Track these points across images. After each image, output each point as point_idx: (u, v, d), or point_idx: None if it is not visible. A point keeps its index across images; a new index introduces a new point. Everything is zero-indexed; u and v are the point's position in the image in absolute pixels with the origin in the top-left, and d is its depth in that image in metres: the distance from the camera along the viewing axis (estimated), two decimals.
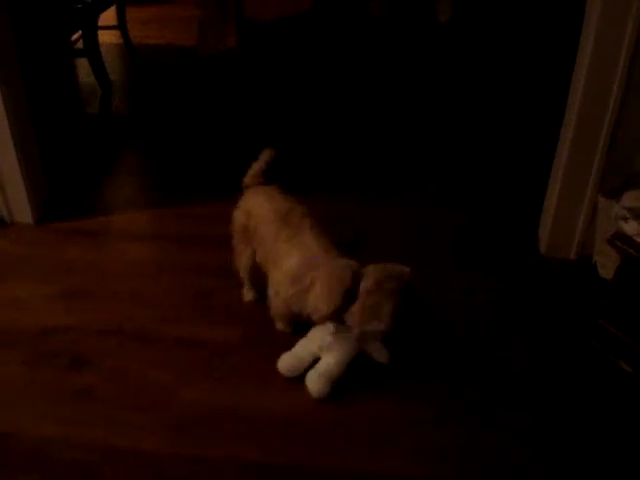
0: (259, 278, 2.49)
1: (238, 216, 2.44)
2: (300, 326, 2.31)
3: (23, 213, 3.00)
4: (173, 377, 2.26)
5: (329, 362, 2.18)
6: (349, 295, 2.02)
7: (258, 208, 2.35)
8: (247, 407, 2.16)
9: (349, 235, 2.70)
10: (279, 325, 2.40)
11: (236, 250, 2.49)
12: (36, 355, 2.34)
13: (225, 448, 2.03)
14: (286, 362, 2.24)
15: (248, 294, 2.57)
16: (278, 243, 2.23)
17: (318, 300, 2.08)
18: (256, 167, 2.49)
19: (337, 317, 2.08)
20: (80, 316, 2.51)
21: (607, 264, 2.59)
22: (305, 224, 2.24)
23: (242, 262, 2.48)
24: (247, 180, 2.49)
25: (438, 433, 2.09)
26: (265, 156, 2.51)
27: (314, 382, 2.16)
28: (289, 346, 2.29)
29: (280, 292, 2.24)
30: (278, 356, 2.26)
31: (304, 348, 2.25)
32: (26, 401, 2.18)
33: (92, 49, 4.28)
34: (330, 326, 2.18)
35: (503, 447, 2.05)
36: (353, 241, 2.71)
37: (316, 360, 2.22)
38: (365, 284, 2.01)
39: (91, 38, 4.27)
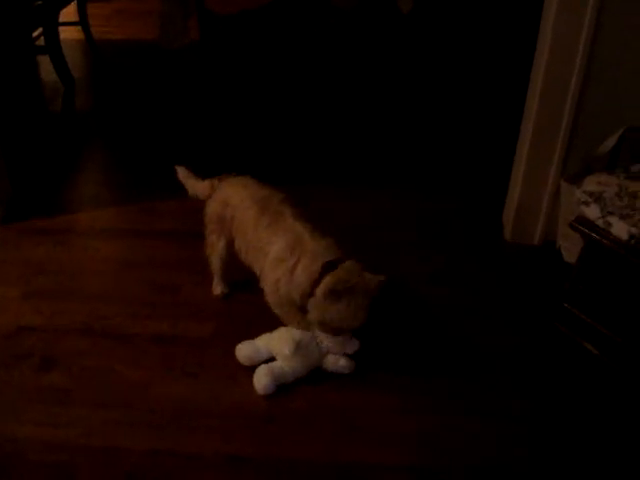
0: (230, 271, 2.50)
1: (213, 206, 2.43)
2: None
3: None
4: (145, 374, 2.26)
5: (284, 368, 2.18)
6: (327, 268, 2.07)
7: (235, 197, 2.35)
8: (221, 402, 2.16)
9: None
10: (288, 322, 2.30)
11: (208, 241, 2.49)
12: (6, 357, 2.33)
13: (200, 443, 2.03)
14: (244, 351, 2.25)
15: (218, 287, 2.57)
16: (259, 231, 2.24)
17: (300, 278, 2.12)
18: (199, 184, 2.52)
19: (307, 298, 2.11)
20: (49, 316, 2.49)
21: (571, 248, 2.64)
22: (285, 209, 2.26)
23: (215, 254, 2.48)
24: (212, 186, 2.49)
25: (413, 421, 2.11)
26: (185, 174, 2.57)
27: (262, 378, 2.16)
28: None
29: (269, 280, 2.23)
30: None
31: (264, 344, 2.25)
32: None
33: (53, 46, 4.24)
34: (295, 335, 2.19)
35: (484, 431, 2.08)
36: None
37: (272, 358, 2.23)
38: (332, 279, 2.05)
39: (52, 34, 4.23)
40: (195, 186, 2.53)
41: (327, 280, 2.06)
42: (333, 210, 3.03)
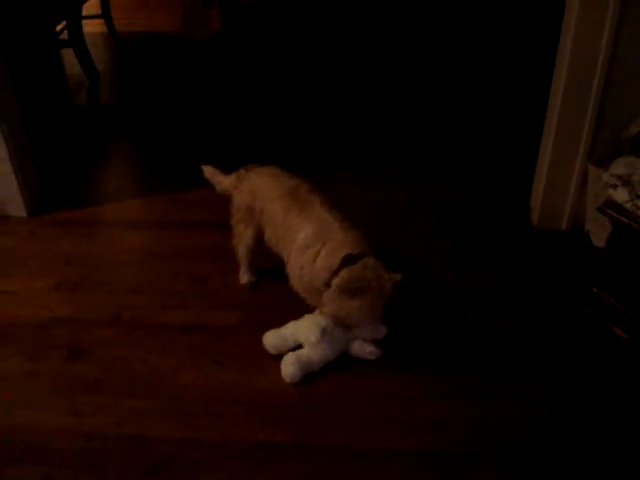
0: (257, 260, 2.51)
1: (241, 197, 2.43)
2: None
3: (16, 206, 3.00)
4: (173, 363, 2.28)
5: (311, 356, 2.19)
6: (347, 261, 2.05)
7: (264, 188, 2.35)
8: (248, 389, 2.18)
9: None
10: (314, 304, 2.29)
11: (235, 231, 2.49)
12: (35, 348, 2.36)
13: (228, 431, 2.05)
14: (271, 340, 2.25)
15: (244, 276, 2.58)
16: (289, 219, 2.23)
17: (322, 265, 2.12)
18: (226, 181, 2.52)
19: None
20: (77, 307, 2.52)
21: (599, 232, 2.61)
22: (314, 199, 2.25)
23: (242, 243, 2.48)
24: (238, 177, 2.48)
25: (437, 406, 2.11)
26: (212, 172, 2.58)
27: (289, 366, 2.17)
28: None
29: (294, 266, 2.23)
30: None
31: (291, 332, 2.25)
32: (29, 392, 2.20)
33: (77, 39, 4.27)
34: (321, 322, 2.19)
35: (504, 415, 2.07)
36: None
37: (299, 346, 2.24)
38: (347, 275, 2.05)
39: (76, 28, 4.26)
40: (222, 182, 2.53)
41: (342, 274, 2.06)
42: (348, 197, 3.01)
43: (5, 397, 2.19)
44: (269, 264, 2.44)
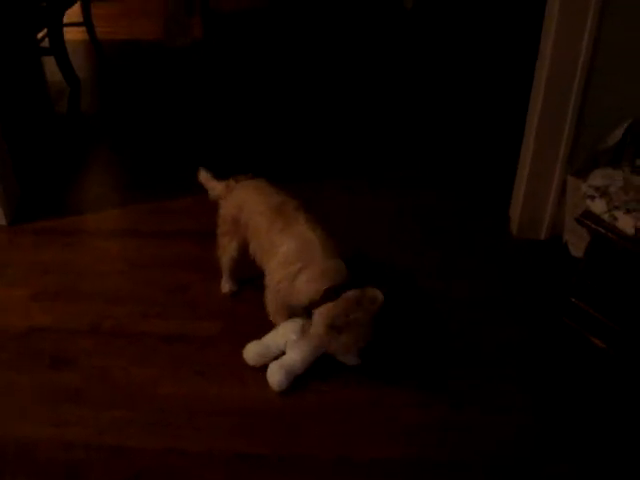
0: (240, 270, 2.52)
1: (227, 208, 2.43)
2: None
3: None
4: (155, 373, 2.27)
5: (294, 358, 2.19)
6: (329, 295, 2.07)
7: (250, 201, 2.35)
8: (230, 400, 2.17)
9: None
10: (276, 321, 2.35)
11: (220, 242, 2.49)
12: (15, 357, 2.34)
13: (210, 441, 2.04)
14: (252, 351, 2.25)
15: (226, 285, 2.58)
16: (272, 233, 2.23)
17: (301, 289, 2.12)
18: (219, 187, 2.51)
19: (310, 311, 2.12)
20: (58, 316, 2.51)
21: (577, 243, 2.64)
22: (299, 215, 2.25)
23: (226, 254, 2.49)
24: (228, 187, 2.48)
25: (422, 414, 2.12)
26: (207, 177, 2.55)
27: (275, 374, 2.17)
28: None
29: (272, 279, 2.24)
30: None
31: (272, 340, 2.26)
32: (9, 403, 2.19)
33: (58, 47, 4.24)
34: (299, 322, 2.21)
35: (489, 423, 2.09)
36: None
37: (282, 353, 2.24)
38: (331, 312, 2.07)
39: (57, 36, 4.23)
40: (215, 188, 2.52)
41: (326, 311, 2.08)
42: (336, 207, 3.04)
43: None
44: (251, 273, 2.45)
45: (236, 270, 2.54)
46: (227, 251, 2.48)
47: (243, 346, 2.29)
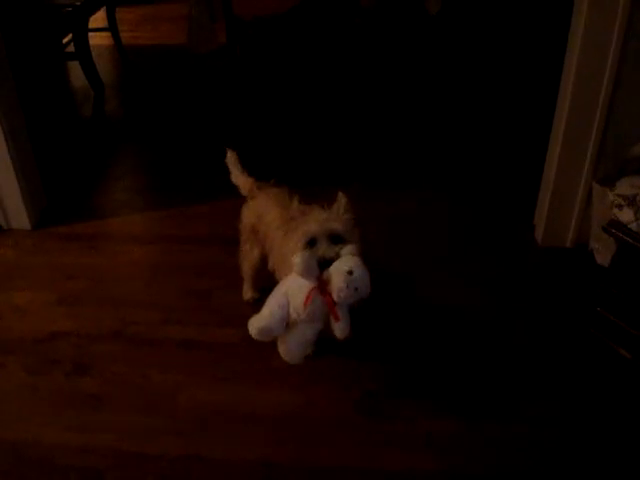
0: (261, 278, 2.50)
1: (248, 217, 2.41)
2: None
3: (20, 219, 3.01)
4: (175, 379, 2.27)
5: (299, 319, 2.05)
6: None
7: (269, 214, 2.29)
8: (250, 407, 2.17)
9: None
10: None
11: (242, 249, 2.48)
12: (38, 362, 2.35)
13: (230, 448, 2.04)
14: (255, 325, 2.11)
15: (248, 293, 2.57)
16: (283, 251, 2.17)
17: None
18: (242, 176, 2.47)
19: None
20: (80, 321, 2.51)
21: (603, 251, 2.60)
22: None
23: (247, 262, 2.47)
24: (252, 190, 2.44)
25: (443, 426, 2.10)
26: (234, 160, 2.50)
27: (282, 344, 2.12)
28: None
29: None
30: (279, 355, 2.25)
31: (269, 303, 2.12)
32: (31, 409, 2.19)
33: (83, 52, 4.28)
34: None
35: (506, 436, 2.06)
36: None
37: (284, 314, 2.08)
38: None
39: (82, 41, 4.28)
40: (238, 177, 2.48)
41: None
42: (356, 213, 3.02)
43: (7, 411, 2.19)
44: (273, 281, 2.43)
45: (258, 278, 2.52)
46: (248, 259, 2.47)
47: (265, 353, 2.27)
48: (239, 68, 4.72)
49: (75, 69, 4.44)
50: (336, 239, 2.02)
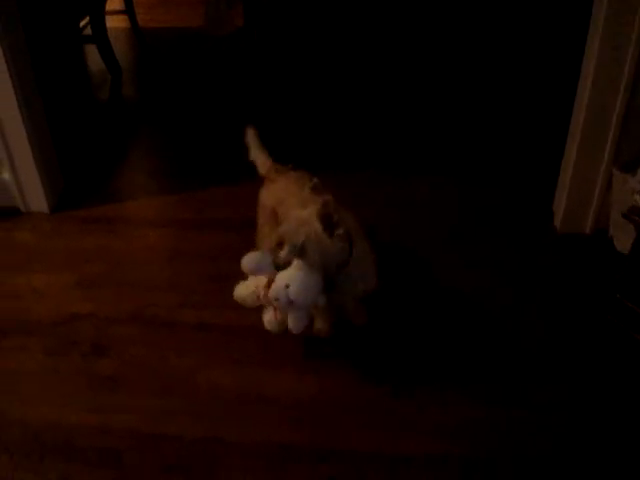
0: None
1: (267, 199, 2.40)
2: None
3: (38, 202, 3.02)
4: (193, 361, 2.29)
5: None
6: None
7: (289, 198, 2.27)
8: (267, 390, 2.18)
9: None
10: (317, 324, 2.30)
11: (261, 231, 2.47)
12: (57, 344, 2.37)
13: (248, 431, 2.05)
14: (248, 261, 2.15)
15: None
16: None
17: None
18: (262, 155, 2.47)
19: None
20: (99, 304, 2.53)
21: (623, 238, 2.58)
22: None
23: (266, 244, 2.46)
24: (270, 171, 2.45)
25: (455, 411, 2.10)
26: (254, 137, 2.51)
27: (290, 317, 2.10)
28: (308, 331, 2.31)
29: None
30: (296, 340, 2.27)
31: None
32: (50, 390, 2.21)
33: (100, 35, 4.29)
34: None
35: (523, 421, 2.06)
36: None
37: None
38: None
39: (99, 24, 4.28)
40: (258, 155, 2.49)
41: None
42: (371, 198, 3.03)
43: (26, 392, 2.21)
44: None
45: None
46: (267, 242, 2.46)
47: (281, 337, 2.25)
48: (256, 51, 4.71)
49: (92, 52, 4.43)
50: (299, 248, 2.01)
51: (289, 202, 2.28)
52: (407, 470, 1.93)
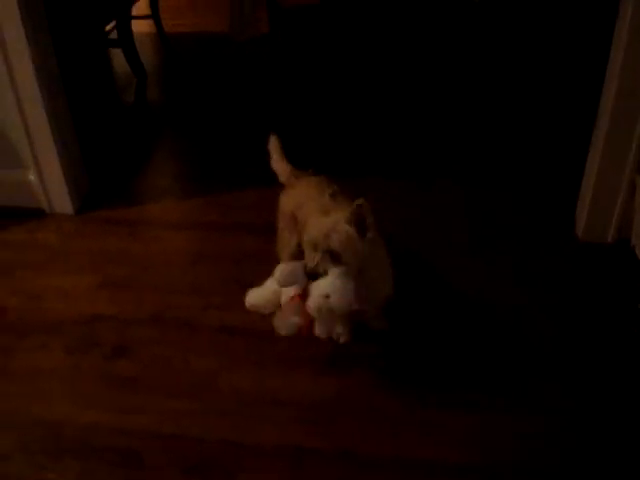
0: None
1: (287, 204, 2.40)
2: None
3: (63, 203, 3.05)
4: (214, 364, 2.30)
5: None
6: None
7: (309, 202, 2.27)
8: (289, 393, 2.18)
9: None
10: (337, 329, 2.29)
11: (280, 236, 2.48)
12: (79, 344, 2.39)
13: (268, 434, 2.05)
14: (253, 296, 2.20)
15: None
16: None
17: None
18: (282, 163, 2.48)
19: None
20: (122, 305, 2.55)
21: None
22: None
23: (286, 250, 2.46)
24: (290, 177, 2.45)
25: (468, 417, 2.10)
26: (276, 145, 2.52)
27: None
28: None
29: None
30: (317, 343, 2.26)
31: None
32: (71, 389, 2.23)
33: (126, 39, 4.32)
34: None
35: (542, 430, 2.05)
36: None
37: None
38: None
39: (125, 28, 4.31)
40: (278, 163, 2.50)
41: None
42: (391, 204, 3.03)
43: (47, 391, 2.23)
44: None
45: None
46: (287, 247, 2.46)
47: (303, 340, 2.26)
48: (280, 56, 4.73)
49: (118, 56, 4.48)
50: (333, 255, 1.99)
51: (308, 207, 2.28)
52: (423, 475, 1.93)
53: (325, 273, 2.01)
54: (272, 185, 2.52)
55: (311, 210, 2.24)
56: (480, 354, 2.32)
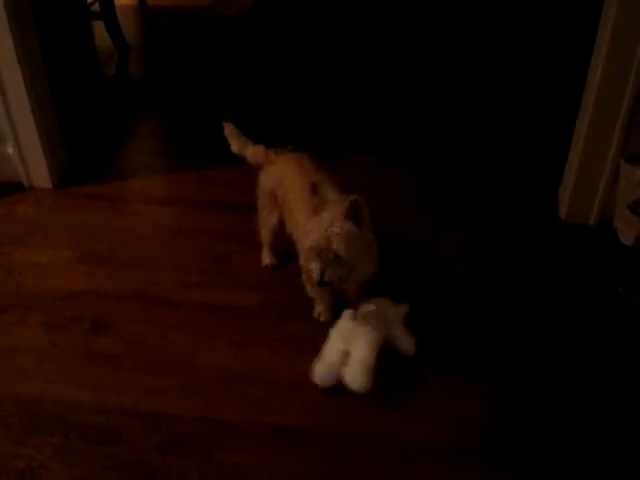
0: (280, 243, 2.50)
1: (267, 182, 2.39)
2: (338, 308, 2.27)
3: (42, 177, 3.02)
4: (193, 342, 2.28)
5: (360, 353, 2.06)
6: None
7: (289, 178, 2.28)
8: (268, 372, 2.17)
9: None
10: (315, 297, 2.33)
11: (261, 213, 2.47)
12: (57, 319, 2.37)
13: (246, 412, 2.04)
14: (319, 373, 2.10)
15: (266, 258, 2.57)
16: (304, 215, 2.13)
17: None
18: (249, 146, 2.48)
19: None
20: (100, 281, 2.53)
21: (627, 230, 2.57)
22: (333, 194, 2.12)
23: (266, 227, 2.47)
24: (269, 154, 2.43)
25: (459, 402, 2.09)
26: (234, 131, 2.52)
27: (353, 376, 2.04)
28: (308, 313, 2.33)
29: (304, 259, 2.18)
30: (296, 321, 2.30)
31: (330, 350, 2.11)
32: (49, 365, 2.21)
33: (108, 11, 4.27)
34: (347, 314, 2.14)
35: (524, 413, 2.05)
36: None
37: (345, 354, 2.10)
38: None
39: (107, 0, 4.25)
40: (245, 148, 2.48)
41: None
42: (376, 183, 3.03)
43: (25, 368, 2.21)
44: (292, 247, 2.43)
45: (276, 243, 2.52)
46: (267, 224, 2.46)
47: (282, 318, 2.31)
48: (264, 31, 4.68)
49: (100, 29, 4.41)
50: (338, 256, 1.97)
51: (286, 183, 2.28)
52: (410, 454, 1.93)
53: (336, 281, 2.01)
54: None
55: (291, 184, 2.24)
56: (463, 337, 2.31)
